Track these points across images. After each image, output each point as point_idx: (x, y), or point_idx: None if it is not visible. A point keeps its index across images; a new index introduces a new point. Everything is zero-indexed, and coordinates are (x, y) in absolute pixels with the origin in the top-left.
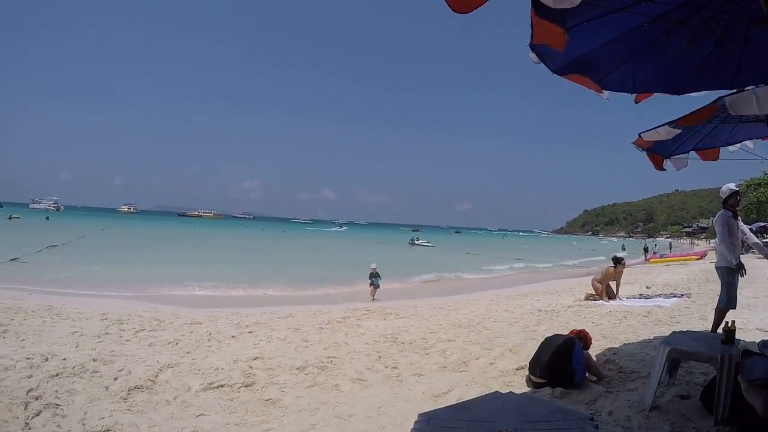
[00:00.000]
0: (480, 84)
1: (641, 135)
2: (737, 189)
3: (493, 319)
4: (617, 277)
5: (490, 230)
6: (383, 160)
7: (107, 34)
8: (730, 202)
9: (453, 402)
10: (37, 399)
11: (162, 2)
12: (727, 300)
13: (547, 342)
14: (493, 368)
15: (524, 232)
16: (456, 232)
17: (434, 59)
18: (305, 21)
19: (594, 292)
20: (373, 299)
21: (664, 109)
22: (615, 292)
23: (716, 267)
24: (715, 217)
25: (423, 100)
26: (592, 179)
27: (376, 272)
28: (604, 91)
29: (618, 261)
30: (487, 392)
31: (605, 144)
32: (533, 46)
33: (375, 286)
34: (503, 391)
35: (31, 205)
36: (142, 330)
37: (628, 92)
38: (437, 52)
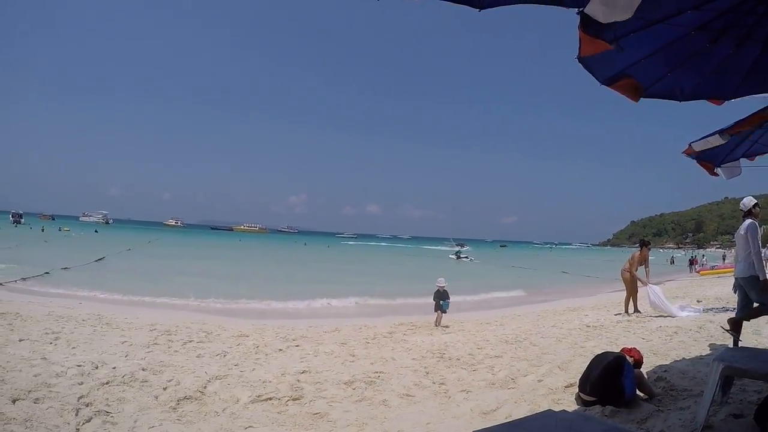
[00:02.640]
0: (524, 98)
1: (692, 144)
2: (757, 201)
3: (540, 335)
4: (645, 262)
5: (536, 244)
6: (429, 174)
7: (154, 53)
8: (755, 212)
9: (501, 419)
10: (87, 406)
11: (204, 17)
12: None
13: (598, 359)
14: (542, 385)
15: (570, 244)
16: (502, 245)
17: (480, 75)
18: (350, 34)
19: (625, 285)
20: (438, 326)
21: (707, 117)
22: (646, 277)
23: (742, 278)
24: (743, 226)
25: (469, 114)
26: (638, 189)
27: (445, 291)
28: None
29: (645, 243)
30: (537, 410)
31: (650, 153)
32: (581, 59)
33: (442, 311)
34: (554, 409)
35: (81, 218)
36: (190, 341)
37: (676, 100)
38: (482, 69)
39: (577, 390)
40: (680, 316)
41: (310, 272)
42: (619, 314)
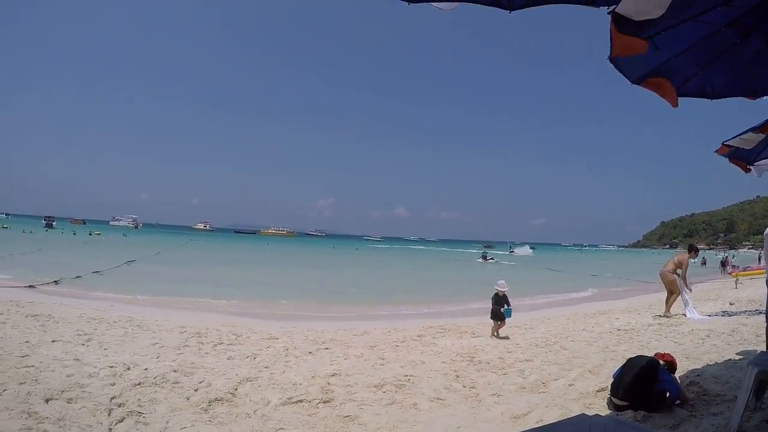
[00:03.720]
0: (551, 101)
1: (725, 143)
2: None
3: (570, 339)
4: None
5: (565, 245)
6: (456, 176)
7: (187, 59)
8: None
9: (532, 424)
10: (120, 406)
11: (231, 22)
12: None
13: (630, 363)
14: (573, 389)
15: (600, 246)
16: (531, 248)
17: (507, 81)
18: (379, 41)
19: (667, 288)
20: (496, 336)
21: (738, 115)
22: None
23: None
24: None
25: (497, 118)
26: (668, 189)
27: (505, 295)
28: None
29: (694, 248)
30: (568, 414)
31: (680, 152)
32: (613, 60)
33: (501, 319)
34: (588, 414)
35: (111, 223)
36: (221, 343)
37: (707, 98)
38: (510, 75)
39: (608, 394)
40: (694, 319)
41: (337, 275)
42: (660, 316)
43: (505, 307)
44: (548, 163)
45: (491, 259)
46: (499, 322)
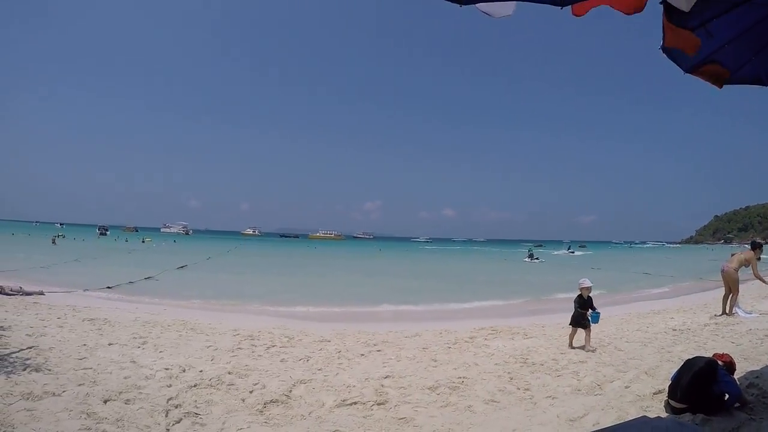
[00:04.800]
0: (602, 90)
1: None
2: None
3: (625, 339)
4: (749, 262)
5: (616, 243)
6: (504, 175)
7: (234, 64)
8: None
9: (589, 427)
10: (176, 407)
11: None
12: None
13: (688, 364)
14: (629, 392)
15: (651, 243)
16: (580, 246)
17: (558, 72)
18: (436, 36)
19: (729, 286)
20: (588, 348)
21: None
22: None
23: None
24: None
25: (546, 113)
26: (721, 181)
27: (590, 298)
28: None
29: (757, 245)
30: (625, 417)
31: (732, 142)
32: (665, 49)
33: (585, 326)
34: (648, 416)
35: (162, 230)
36: (273, 346)
37: (762, 84)
38: (556, 56)
39: (666, 397)
40: (745, 317)
41: (385, 277)
42: (718, 315)
43: (594, 311)
44: (598, 158)
45: (536, 258)
46: (580, 329)
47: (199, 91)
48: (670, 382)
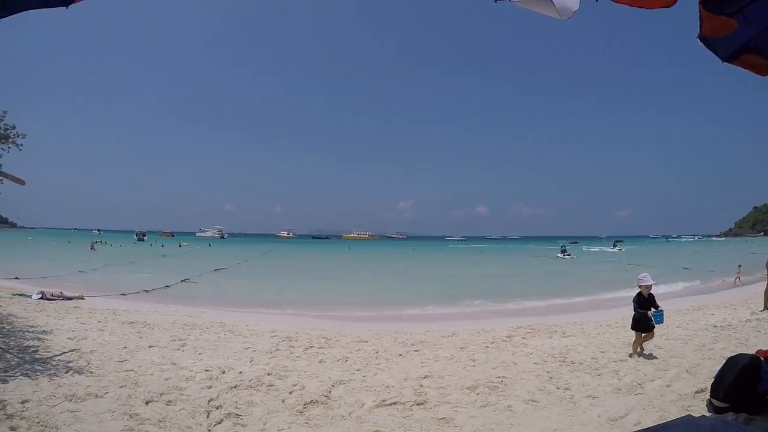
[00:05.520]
0: (631, 86)
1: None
2: None
3: (665, 337)
4: None
5: (652, 237)
6: (538, 171)
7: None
8: None
9: (630, 427)
10: (217, 408)
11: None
12: None
13: (731, 362)
14: (670, 391)
15: (687, 237)
16: (617, 241)
17: (587, 70)
18: (464, 33)
19: None
20: (637, 354)
21: None
22: None
23: None
24: None
25: (579, 107)
26: (759, 171)
27: (652, 296)
28: None
29: None
30: (667, 417)
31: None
32: (702, 38)
33: (648, 329)
34: (692, 415)
35: (197, 234)
36: (311, 347)
37: None
38: (582, 57)
39: (708, 396)
40: None
41: (419, 277)
42: (760, 311)
43: (657, 310)
44: (632, 152)
45: (568, 254)
46: (644, 334)
47: (229, 99)
48: (713, 380)
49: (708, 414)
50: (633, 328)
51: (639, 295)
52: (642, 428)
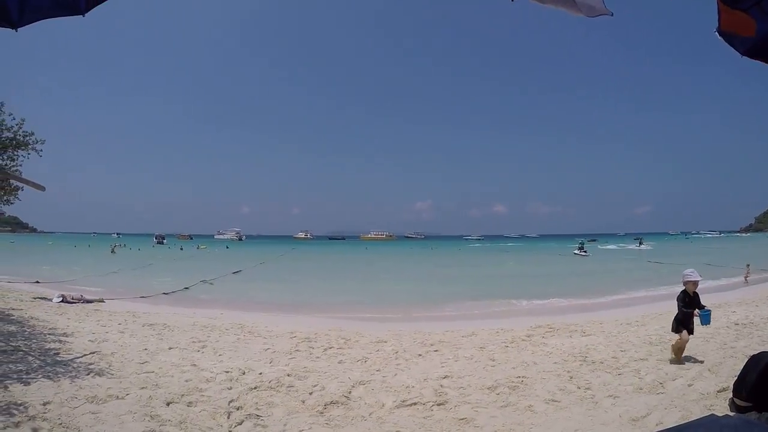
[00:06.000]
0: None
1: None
2: None
3: None
4: None
5: (672, 233)
6: (555, 169)
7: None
8: None
9: (652, 427)
10: (238, 409)
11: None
12: None
13: (753, 360)
14: (692, 390)
15: (707, 233)
16: (636, 239)
17: (608, 65)
18: (478, 33)
19: None
20: (677, 357)
21: None
22: None
23: None
24: None
25: (593, 102)
26: None
27: (697, 294)
28: None
29: None
30: (689, 417)
31: None
32: (720, 32)
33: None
34: (715, 415)
35: (215, 236)
36: (330, 347)
37: None
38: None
39: (730, 395)
40: None
41: (437, 276)
42: None
43: (704, 310)
44: (650, 146)
45: (585, 252)
46: (681, 336)
47: (246, 102)
48: (735, 379)
49: (731, 413)
50: (674, 329)
51: (684, 292)
52: (664, 428)
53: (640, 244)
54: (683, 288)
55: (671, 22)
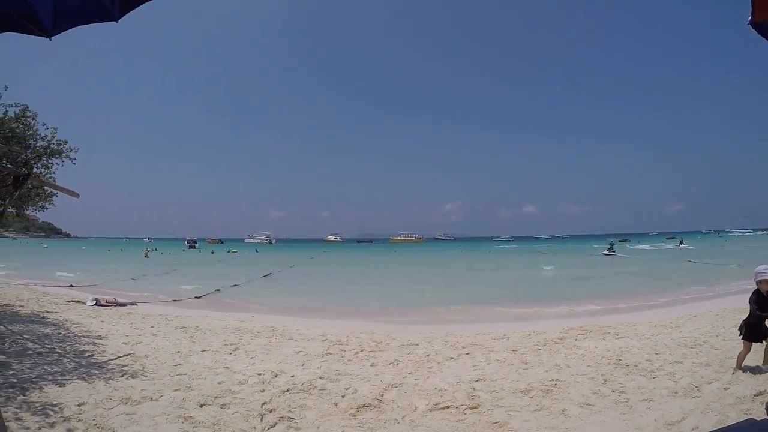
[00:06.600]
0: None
1: None
2: None
3: (721, 337)
4: None
5: (705, 232)
6: (586, 169)
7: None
8: None
9: (688, 431)
10: (271, 412)
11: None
12: None
13: None
14: (729, 394)
15: (741, 231)
16: (668, 238)
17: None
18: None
19: None
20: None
21: None
22: None
23: None
24: None
25: (623, 107)
26: None
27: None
28: None
29: None
30: (726, 421)
31: None
32: (755, 25)
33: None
34: (754, 419)
35: (246, 240)
36: (362, 350)
37: None
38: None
39: (767, 398)
40: None
41: (467, 279)
42: None
43: None
44: (678, 145)
45: (614, 252)
46: (754, 343)
47: (276, 106)
48: None
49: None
50: (744, 336)
51: (757, 293)
52: None
53: (681, 243)
54: (755, 288)
55: (697, 21)
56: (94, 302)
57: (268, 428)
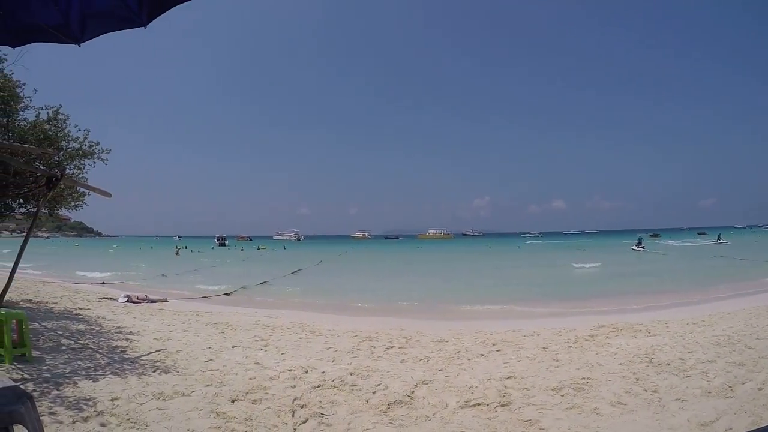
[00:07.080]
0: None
1: None
2: None
3: (755, 336)
4: None
5: (738, 227)
6: (616, 163)
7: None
8: None
9: None
10: (302, 407)
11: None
12: None
13: None
14: (763, 394)
15: (763, 226)
16: (699, 234)
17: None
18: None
19: None
20: None
21: None
22: None
23: None
24: None
25: (654, 103)
26: None
27: None
28: None
29: None
30: (760, 423)
31: None
32: None
33: None
34: None
35: (275, 237)
36: (392, 347)
37: None
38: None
39: None
40: None
41: (495, 275)
42: None
43: None
44: (716, 133)
45: (643, 247)
46: None
47: (306, 103)
48: None
49: None
50: None
51: None
52: None
53: (719, 239)
54: None
55: (718, 21)
56: (126, 299)
57: (300, 424)
